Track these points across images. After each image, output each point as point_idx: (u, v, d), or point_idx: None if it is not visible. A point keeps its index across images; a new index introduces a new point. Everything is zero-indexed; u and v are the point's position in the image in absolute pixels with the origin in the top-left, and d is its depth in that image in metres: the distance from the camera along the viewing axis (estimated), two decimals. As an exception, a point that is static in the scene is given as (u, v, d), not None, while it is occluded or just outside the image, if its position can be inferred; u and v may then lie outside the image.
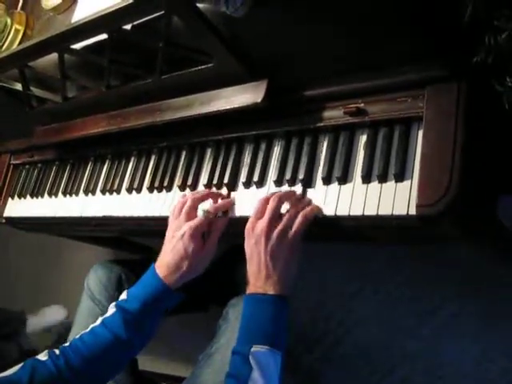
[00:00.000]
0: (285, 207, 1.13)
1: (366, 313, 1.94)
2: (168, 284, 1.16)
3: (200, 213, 1.20)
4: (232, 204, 1.25)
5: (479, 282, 1.73)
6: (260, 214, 1.10)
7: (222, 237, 1.23)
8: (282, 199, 1.12)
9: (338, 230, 1.13)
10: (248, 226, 1.11)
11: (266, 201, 1.11)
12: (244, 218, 1.16)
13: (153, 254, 1.29)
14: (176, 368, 2.00)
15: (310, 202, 1.13)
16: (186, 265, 1.15)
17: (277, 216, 1.09)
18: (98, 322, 1.15)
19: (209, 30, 1.12)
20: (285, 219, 1.08)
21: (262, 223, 1.08)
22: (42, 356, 1.10)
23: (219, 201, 1.26)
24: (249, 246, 1.09)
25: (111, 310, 1.16)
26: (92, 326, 1.15)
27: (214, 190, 1.30)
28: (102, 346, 1.11)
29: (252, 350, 0.99)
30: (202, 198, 1.24)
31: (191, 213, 1.21)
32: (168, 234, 1.22)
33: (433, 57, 0.98)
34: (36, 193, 1.83)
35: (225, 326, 1.28)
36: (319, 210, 1.11)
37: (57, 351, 1.11)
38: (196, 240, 1.16)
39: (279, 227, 1.07)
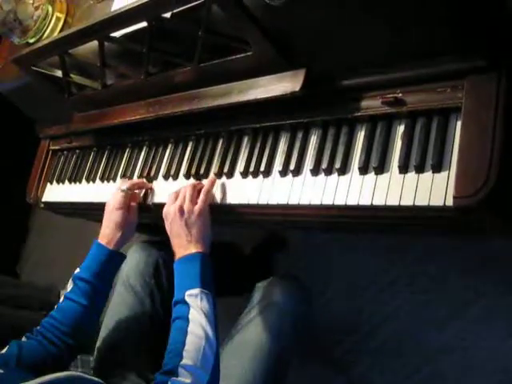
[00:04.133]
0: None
1: (399, 304, 1.93)
2: (111, 248, 1.39)
3: (121, 190, 1.47)
4: (147, 185, 1.56)
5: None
6: (172, 202, 1.33)
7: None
8: (186, 188, 1.35)
9: (373, 220, 1.13)
10: (164, 211, 1.34)
11: (176, 194, 1.35)
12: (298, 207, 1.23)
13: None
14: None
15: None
16: (119, 231, 1.42)
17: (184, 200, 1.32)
18: (61, 298, 1.34)
19: (248, 19, 1.13)
20: (191, 198, 1.32)
21: (174, 206, 1.31)
22: (23, 339, 1.26)
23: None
24: (168, 225, 1.32)
25: (70, 285, 1.35)
26: (57, 303, 1.34)
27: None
28: (72, 317, 1.30)
29: (186, 293, 1.18)
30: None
31: (117, 195, 1.46)
32: (104, 214, 1.47)
33: (473, 47, 0.97)
34: (74, 178, 1.86)
35: (248, 308, 1.42)
36: (213, 184, 1.38)
37: (33, 334, 1.28)
38: (121, 211, 1.43)
39: (187, 204, 1.30)
